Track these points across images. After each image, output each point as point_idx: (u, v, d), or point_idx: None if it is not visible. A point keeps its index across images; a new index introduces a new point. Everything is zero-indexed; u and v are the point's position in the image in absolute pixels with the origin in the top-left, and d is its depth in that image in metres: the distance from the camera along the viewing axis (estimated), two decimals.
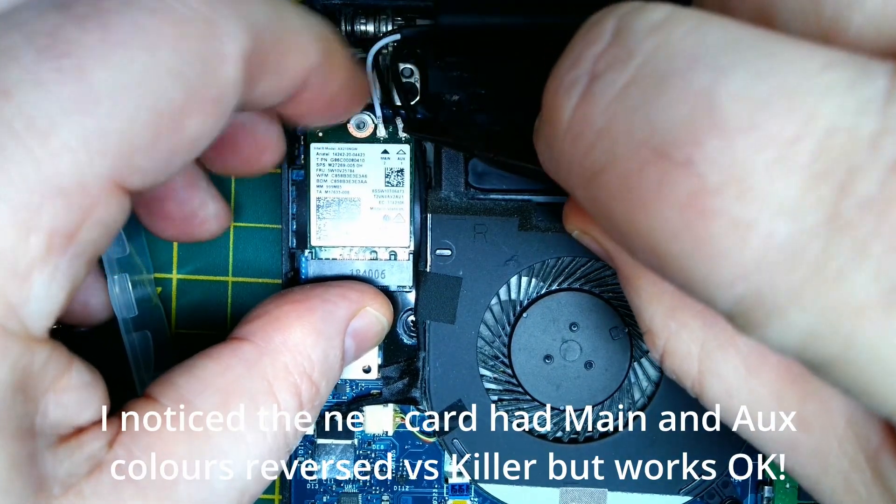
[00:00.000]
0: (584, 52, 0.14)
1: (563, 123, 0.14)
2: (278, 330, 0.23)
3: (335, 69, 0.22)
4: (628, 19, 0.13)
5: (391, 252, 0.30)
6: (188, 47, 0.16)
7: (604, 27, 0.14)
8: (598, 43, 0.13)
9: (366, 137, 0.29)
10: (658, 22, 0.13)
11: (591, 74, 0.13)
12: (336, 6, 0.29)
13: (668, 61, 0.12)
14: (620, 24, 0.13)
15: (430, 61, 0.28)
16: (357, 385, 0.31)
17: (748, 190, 0.11)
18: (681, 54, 0.12)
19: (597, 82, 0.13)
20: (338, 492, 0.31)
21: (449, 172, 0.29)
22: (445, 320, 0.29)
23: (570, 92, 0.14)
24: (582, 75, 0.13)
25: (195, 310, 0.34)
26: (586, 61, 0.14)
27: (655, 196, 0.12)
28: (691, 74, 0.12)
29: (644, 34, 0.13)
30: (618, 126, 0.13)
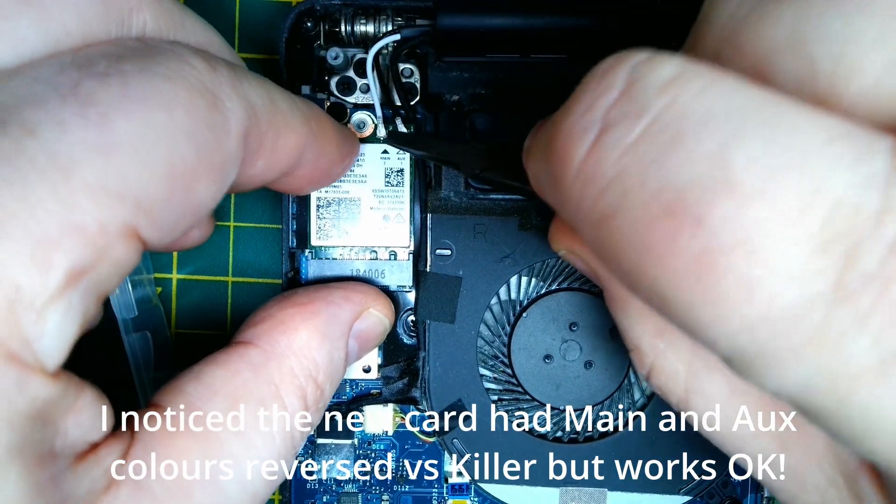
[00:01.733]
0: (596, 101, 0.14)
1: (574, 167, 0.14)
2: (283, 333, 0.23)
3: (325, 144, 0.23)
4: (640, 72, 0.14)
5: (391, 252, 0.30)
6: (200, 114, 0.17)
7: (615, 77, 0.14)
8: (609, 93, 0.14)
9: (366, 137, 0.29)
10: (669, 79, 0.13)
11: (604, 123, 0.14)
12: (336, 6, 0.29)
13: (680, 120, 0.13)
14: (632, 76, 0.14)
15: (430, 61, 0.28)
16: (357, 385, 0.31)
17: (758, 252, 0.12)
18: (692, 115, 0.13)
19: (609, 132, 0.14)
20: (338, 492, 0.31)
21: (449, 172, 0.29)
22: (445, 320, 0.29)
23: (583, 138, 0.14)
24: (594, 123, 0.14)
25: (195, 310, 0.34)
26: (598, 110, 0.14)
27: (666, 248, 0.13)
28: (704, 136, 0.12)
29: (656, 90, 0.13)
30: (630, 177, 0.13)
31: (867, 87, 0.13)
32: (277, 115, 0.21)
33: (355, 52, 0.29)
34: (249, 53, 0.33)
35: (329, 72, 0.29)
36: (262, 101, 0.20)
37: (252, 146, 0.20)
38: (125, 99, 0.16)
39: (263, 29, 0.33)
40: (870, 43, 0.12)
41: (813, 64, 0.13)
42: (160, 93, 0.17)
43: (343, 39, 0.29)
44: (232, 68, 0.19)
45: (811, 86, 0.13)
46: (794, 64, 0.13)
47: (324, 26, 0.29)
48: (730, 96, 0.13)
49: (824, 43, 0.13)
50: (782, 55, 0.13)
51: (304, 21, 0.29)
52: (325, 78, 0.30)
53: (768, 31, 0.14)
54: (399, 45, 0.28)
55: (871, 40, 0.12)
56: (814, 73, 0.13)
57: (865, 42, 0.12)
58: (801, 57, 0.13)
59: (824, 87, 0.13)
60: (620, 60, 0.14)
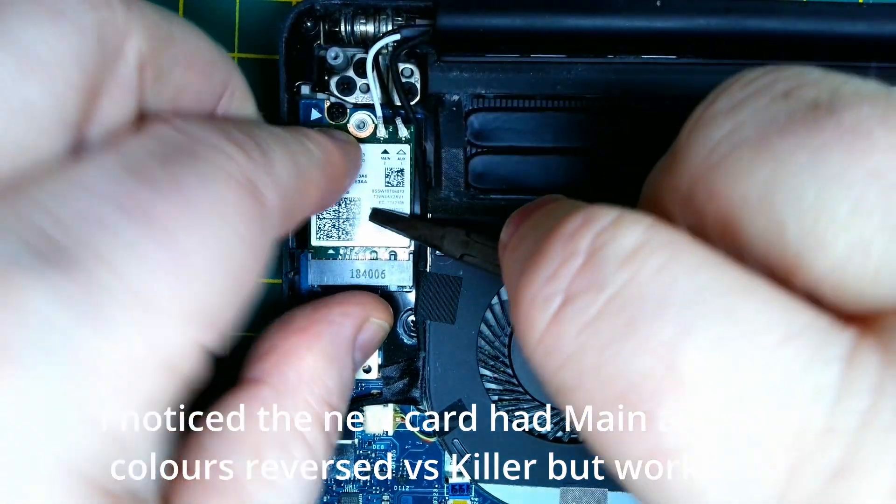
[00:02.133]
0: (560, 268, 0.13)
1: (536, 335, 0.14)
2: (291, 366, 0.23)
3: (338, 179, 0.25)
4: (603, 239, 0.13)
5: (391, 252, 0.30)
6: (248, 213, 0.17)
7: (580, 242, 0.13)
8: (573, 260, 0.13)
9: (366, 137, 0.29)
10: (632, 249, 0.13)
11: (566, 295, 0.13)
12: (336, 6, 0.29)
13: (637, 302, 0.12)
14: (595, 243, 0.13)
15: (430, 61, 0.28)
16: (357, 385, 0.31)
17: (702, 460, 0.11)
18: (649, 297, 0.12)
19: (569, 306, 0.13)
20: (338, 492, 0.31)
21: (449, 172, 0.29)
22: (445, 320, 0.29)
23: (545, 309, 0.14)
24: (557, 293, 0.13)
25: None
26: (562, 280, 0.13)
27: (618, 439, 0.12)
28: (657, 324, 0.12)
29: (616, 264, 0.13)
30: (587, 358, 0.13)
31: (835, 265, 0.12)
32: (304, 183, 0.21)
33: (355, 52, 0.29)
34: (249, 53, 0.33)
35: (329, 72, 0.29)
36: (289, 174, 0.20)
37: (286, 224, 0.20)
38: (184, 210, 0.15)
39: (263, 29, 0.33)
40: (842, 219, 0.12)
41: (782, 230, 0.12)
42: (212, 197, 0.16)
43: (343, 39, 0.29)
44: (258, 144, 0.19)
45: (779, 251, 0.12)
46: (763, 225, 0.12)
47: (324, 26, 0.29)
48: (689, 276, 0.12)
49: (795, 210, 0.12)
50: (753, 213, 0.13)
51: (303, 21, 0.29)
52: (324, 78, 0.30)
53: (740, 184, 0.13)
54: (399, 45, 0.28)
55: (844, 217, 0.12)
56: (782, 240, 0.12)
57: (838, 217, 0.12)
58: (771, 219, 0.12)
59: (792, 257, 0.12)
60: (586, 223, 0.14)
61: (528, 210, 0.18)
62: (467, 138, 0.29)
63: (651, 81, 0.27)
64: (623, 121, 0.28)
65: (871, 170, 0.11)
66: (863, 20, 0.27)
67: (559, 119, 0.28)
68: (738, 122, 0.13)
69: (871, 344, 0.11)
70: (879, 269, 0.12)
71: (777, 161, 0.12)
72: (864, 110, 0.12)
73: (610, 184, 0.28)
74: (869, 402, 0.11)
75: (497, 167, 0.29)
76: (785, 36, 0.27)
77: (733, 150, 0.13)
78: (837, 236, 0.12)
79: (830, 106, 0.12)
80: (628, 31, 0.27)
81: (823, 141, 0.12)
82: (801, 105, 0.13)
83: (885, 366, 0.11)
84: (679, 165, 0.15)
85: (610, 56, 0.27)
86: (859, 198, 0.11)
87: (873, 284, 0.12)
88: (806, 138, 0.12)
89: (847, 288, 0.12)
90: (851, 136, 0.12)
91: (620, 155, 0.28)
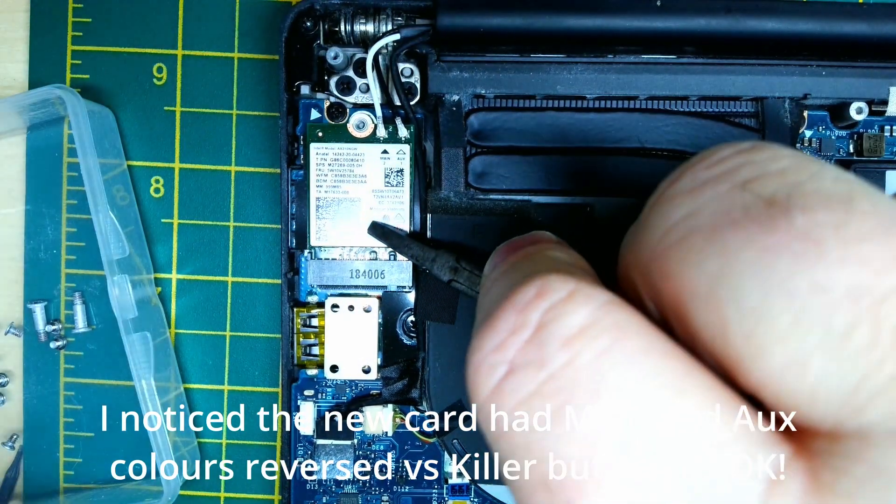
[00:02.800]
0: (508, 338, 0.13)
1: (480, 399, 0.14)
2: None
3: None
4: (551, 316, 0.13)
5: (391, 252, 0.30)
6: None
7: (530, 315, 0.13)
8: (522, 332, 0.13)
9: (365, 137, 0.29)
10: (577, 329, 0.12)
11: (510, 366, 0.13)
12: (336, 6, 0.29)
13: (571, 386, 0.12)
14: (545, 317, 0.13)
15: (430, 61, 0.28)
16: (357, 385, 0.31)
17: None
18: (584, 383, 0.12)
19: (510, 379, 0.13)
20: (338, 492, 0.31)
21: (449, 172, 0.29)
22: (445, 320, 0.29)
23: (490, 375, 0.13)
24: (502, 363, 0.13)
25: (195, 310, 0.34)
26: (508, 350, 0.13)
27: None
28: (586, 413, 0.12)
29: (558, 344, 0.12)
30: (518, 436, 0.13)
31: (771, 376, 0.11)
32: None
33: (355, 52, 0.29)
34: (249, 53, 0.33)
35: (329, 71, 0.29)
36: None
37: None
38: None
39: (263, 29, 0.33)
40: (781, 331, 0.11)
41: (725, 328, 0.12)
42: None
43: (343, 39, 0.29)
44: None
45: (721, 349, 0.12)
46: (708, 320, 0.12)
47: (323, 26, 0.29)
48: (626, 368, 0.12)
49: (738, 311, 0.11)
50: (700, 304, 0.12)
51: (303, 21, 0.29)
52: (324, 77, 0.30)
53: (690, 272, 0.12)
54: (399, 45, 0.28)
55: (784, 328, 0.11)
56: (725, 339, 0.12)
57: (777, 328, 0.11)
58: (716, 317, 0.12)
59: (733, 357, 0.12)
60: (540, 294, 0.13)
61: (512, 247, 0.18)
62: (467, 138, 0.29)
63: (651, 81, 0.27)
64: (622, 121, 0.28)
65: (816, 282, 0.11)
66: (863, 20, 0.27)
67: (559, 119, 0.28)
68: (695, 207, 0.13)
69: (800, 468, 0.11)
70: (816, 388, 0.11)
71: (726, 256, 0.12)
72: (819, 216, 0.11)
73: (609, 184, 0.28)
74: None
75: (497, 167, 0.29)
76: (785, 35, 0.27)
77: (687, 235, 0.13)
78: (775, 347, 0.11)
79: (787, 205, 0.12)
80: (628, 30, 0.27)
81: (773, 242, 0.11)
82: (759, 198, 0.12)
83: (806, 495, 0.11)
84: (640, 238, 0.14)
85: (610, 56, 0.27)
86: (801, 310, 0.11)
87: (809, 403, 0.11)
88: (756, 236, 0.12)
89: (783, 401, 0.11)
90: (801, 242, 0.11)
91: (620, 155, 0.28)
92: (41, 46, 0.33)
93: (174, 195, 0.34)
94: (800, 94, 0.27)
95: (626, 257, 0.15)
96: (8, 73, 0.34)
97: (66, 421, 0.34)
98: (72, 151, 0.34)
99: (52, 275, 0.34)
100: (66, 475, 0.34)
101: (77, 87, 0.33)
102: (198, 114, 0.33)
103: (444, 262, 0.27)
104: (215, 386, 0.34)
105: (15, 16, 0.34)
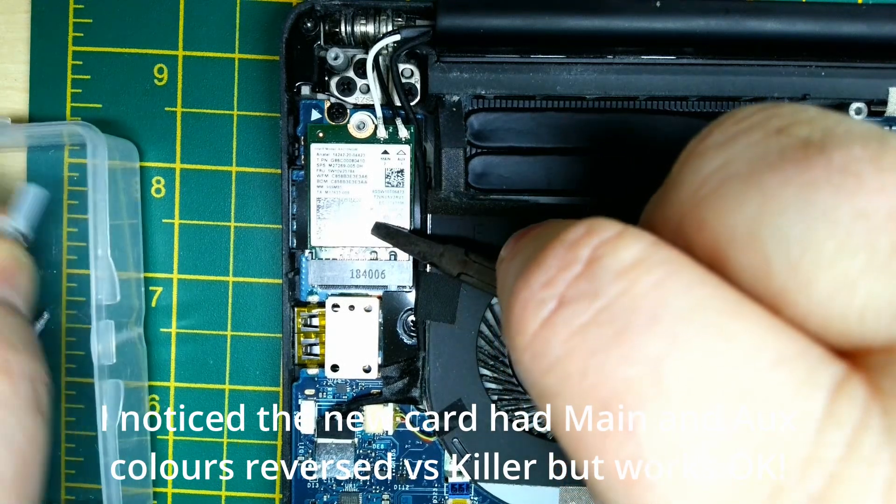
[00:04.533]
0: (558, 273, 0.14)
1: (526, 338, 0.14)
2: None
3: None
4: (604, 251, 0.13)
5: (391, 252, 0.30)
6: None
7: (581, 251, 0.13)
8: (572, 267, 0.13)
9: (366, 138, 0.29)
10: (630, 263, 0.13)
11: (560, 300, 0.13)
12: (336, 7, 0.29)
13: (629, 313, 0.12)
14: (596, 253, 0.13)
15: (430, 62, 0.28)
16: (357, 385, 0.31)
17: (681, 474, 0.11)
18: (642, 309, 0.12)
19: (562, 311, 0.13)
20: (338, 491, 0.31)
21: (449, 173, 0.29)
22: (445, 320, 0.29)
23: (538, 311, 0.14)
24: (551, 298, 0.13)
25: (195, 310, 0.34)
26: (558, 285, 0.13)
27: (598, 447, 0.12)
28: (648, 336, 0.12)
29: (612, 276, 0.13)
30: (573, 363, 0.13)
31: (819, 303, 0.12)
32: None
33: (355, 53, 0.29)
34: (249, 54, 0.33)
35: (329, 72, 0.29)
36: None
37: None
38: None
39: (263, 29, 0.33)
40: (827, 258, 0.12)
41: (768, 265, 0.12)
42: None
43: (343, 40, 0.29)
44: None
45: (765, 286, 0.12)
46: (749, 260, 0.12)
47: (324, 27, 0.29)
48: (683, 295, 0.12)
49: (782, 246, 0.12)
50: (739, 247, 0.13)
51: (304, 21, 0.29)
52: (325, 78, 0.30)
53: (728, 219, 0.13)
54: (399, 46, 0.28)
55: (829, 255, 0.12)
56: (768, 275, 0.12)
57: (823, 256, 0.12)
58: (758, 255, 0.12)
59: (777, 292, 0.12)
60: (589, 233, 0.14)
61: (529, 228, 0.18)
62: (467, 139, 0.29)
63: (650, 82, 0.27)
64: (622, 121, 0.28)
65: (858, 209, 0.11)
66: (862, 20, 0.27)
67: (559, 119, 0.29)
68: (729, 156, 0.13)
69: (859, 379, 0.11)
70: (864, 309, 0.11)
71: (765, 196, 0.12)
72: (856, 151, 0.12)
73: (610, 184, 0.29)
74: (852, 434, 0.11)
75: (497, 167, 0.29)
76: (784, 36, 0.27)
77: (723, 183, 0.13)
78: (822, 274, 0.12)
79: (822, 145, 0.12)
80: (628, 31, 0.27)
81: (812, 178, 0.12)
82: (793, 142, 0.13)
83: (869, 400, 0.11)
84: (670, 196, 0.15)
85: (609, 56, 0.27)
86: (845, 237, 0.11)
87: (859, 324, 0.12)
88: (795, 175, 0.12)
89: (832, 326, 0.12)
90: (841, 175, 0.12)
91: (620, 155, 0.28)
92: (42, 47, 0.33)
93: (175, 195, 0.34)
94: (799, 95, 0.27)
95: (651, 222, 0.15)
96: (9, 74, 0.34)
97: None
98: (73, 180, 0.33)
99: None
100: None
101: (77, 88, 0.33)
102: (199, 114, 0.33)
103: (454, 256, 0.27)
104: (215, 385, 0.34)
105: (16, 16, 0.34)
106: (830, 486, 0.11)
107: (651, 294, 0.12)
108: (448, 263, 0.27)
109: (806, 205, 0.12)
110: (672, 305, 0.12)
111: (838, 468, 0.11)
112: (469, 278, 0.27)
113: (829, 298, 0.12)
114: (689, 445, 0.11)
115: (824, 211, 0.12)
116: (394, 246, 0.29)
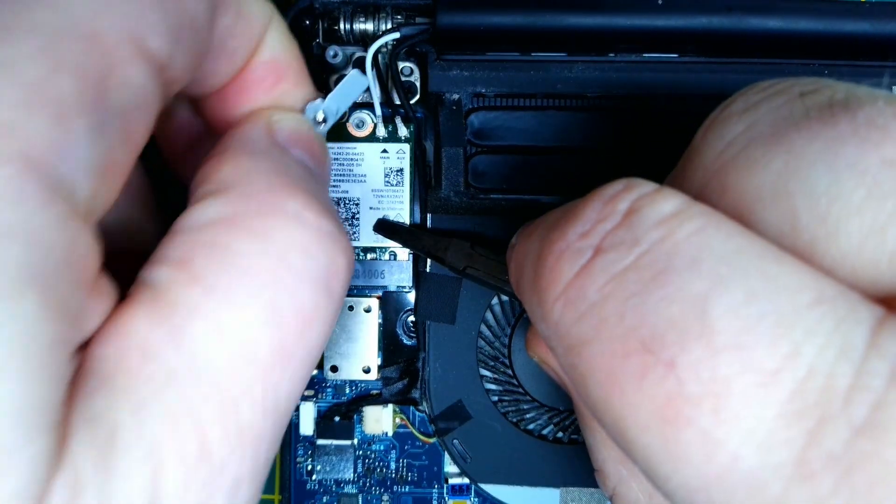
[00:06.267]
0: (596, 225, 0.14)
1: (559, 287, 0.14)
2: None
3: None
4: (640, 204, 0.14)
5: (391, 252, 0.30)
6: None
7: (619, 204, 0.14)
8: (610, 219, 0.14)
9: (365, 137, 0.29)
10: (669, 214, 0.13)
11: (596, 249, 0.14)
12: (335, 4, 0.28)
13: (669, 257, 0.13)
14: (633, 206, 0.14)
15: (429, 59, 0.28)
16: (357, 385, 0.31)
17: (724, 409, 0.11)
18: (682, 254, 0.13)
19: (599, 258, 0.13)
20: (338, 492, 0.31)
21: (449, 172, 0.28)
22: (445, 320, 0.29)
23: (574, 260, 0.14)
24: (588, 247, 0.14)
25: None
26: (595, 235, 0.14)
27: (633, 387, 0.12)
28: (689, 277, 0.12)
29: (652, 224, 0.13)
30: (611, 306, 0.13)
31: (849, 251, 0.12)
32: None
33: (354, 51, 0.29)
34: None
35: (328, 70, 0.29)
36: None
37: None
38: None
39: None
40: (856, 205, 0.12)
41: (796, 218, 0.13)
42: None
43: (342, 37, 0.29)
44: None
45: (792, 240, 0.13)
46: (776, 215, 0.13)
47: (323, 24, 0.29)
48: (723, 241, 0.12)
49: (809, 198, 0.12)
50: (765, 204, 0.13)
51: (302, 19, 0.29)
52: (324, 76, 0.29)
53: (754, 178, 0.13)
54: (398, 44, 0.28)
55: (858, 202, 0.12)
56: (796, 229, 0.13)
57: (852, 204, 0.12)
58: (785, 209, 0.13)
59: (806, 244, 0.12)
60: (628, 188, 0.14)
61: (538, 220, 0.18)
62: (467, 137, 0.28)
63: (652, 80, 0.27)
64: (624, 120, 0.28)
65: (886, 158, 0.12)
66: (865, 19, 0.27)
67: (559, 118, 0.28)
68: (753, 121, 0.14)
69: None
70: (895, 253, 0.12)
71: (791, 152, 0.13)
72: (880, 105, 0.12)
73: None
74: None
75: (497, 166, 0.29)
76: (787, 34, 0.27)
77: (748, 145, 0.14)
78: (851, 222, 0.12)
79: (846, 103, 0.13)
80: (629, 29, 0.27)
81: (838, 133, 0.12)
82: (818, 102, 0.13)
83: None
84: (691, 164, 0.15)
85: (611, 55, 0.27)
86: (874, 184, 0.12)
87: (890, 268, 0.12)
88: (821, 131, 0.13)
89: (862, 273, 0.12)
90: (867, 128, 0.12)
91: (621, 154, 0.28)
92: None
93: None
94: None
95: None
96: None
97: None
98: None
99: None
100: None
101: None
102: None
103: (459, 249, 0.27)
104: None
105: None
106: (874, 415, 0.11)
107: (692, 239, 0.13)
108: (454, 257, 0.27)
109: (834, 157, 0.12)
110: (714, 248, 0.12)
111: (882, 396, 0.11)
112: (475, 272, 0.26)
113: (858, 246, 0.12)
114: (731, 379, 0.11)
115: (851, 163, 0.12)
116: (398, 242, 0.29)
